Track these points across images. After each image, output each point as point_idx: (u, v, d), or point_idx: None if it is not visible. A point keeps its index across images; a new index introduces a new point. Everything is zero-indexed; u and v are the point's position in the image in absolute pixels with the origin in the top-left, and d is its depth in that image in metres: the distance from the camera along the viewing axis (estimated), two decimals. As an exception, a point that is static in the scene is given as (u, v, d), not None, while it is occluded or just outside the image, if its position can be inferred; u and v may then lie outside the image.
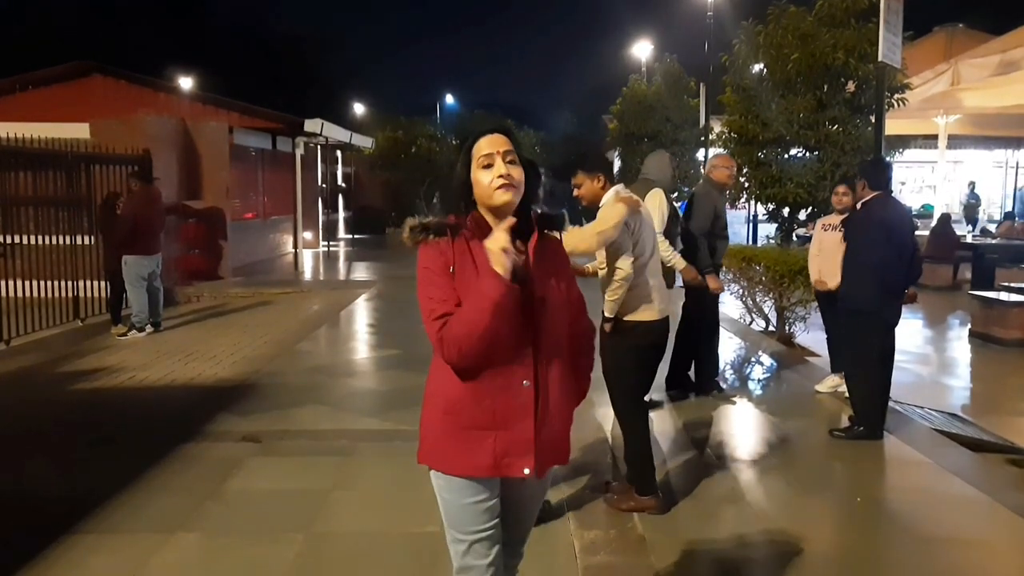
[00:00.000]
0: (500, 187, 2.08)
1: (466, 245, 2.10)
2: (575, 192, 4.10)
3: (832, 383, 6.41)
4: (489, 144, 2.11)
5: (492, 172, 2.09)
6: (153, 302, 8.69)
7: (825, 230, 6.42)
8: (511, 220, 2.05)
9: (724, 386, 6.54)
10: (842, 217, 6.20)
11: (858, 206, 5.49)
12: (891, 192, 5.44)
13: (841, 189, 6.35)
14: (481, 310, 1.98)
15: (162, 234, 8.93)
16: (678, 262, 5.70)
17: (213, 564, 3.55)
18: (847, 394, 5.98)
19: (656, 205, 5.60)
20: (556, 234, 2.29)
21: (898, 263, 5.17)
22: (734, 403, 6.19)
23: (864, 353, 5.32)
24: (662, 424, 5.69)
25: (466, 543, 2.17)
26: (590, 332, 2.43)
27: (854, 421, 5.37)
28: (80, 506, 4.04)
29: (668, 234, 5.66)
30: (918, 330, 9.54)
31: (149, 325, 8.64)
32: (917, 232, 6.11)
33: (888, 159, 6.33)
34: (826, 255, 6.26)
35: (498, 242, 1.98)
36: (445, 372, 2.12)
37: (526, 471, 2.11)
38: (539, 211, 2.24)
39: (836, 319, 6.20)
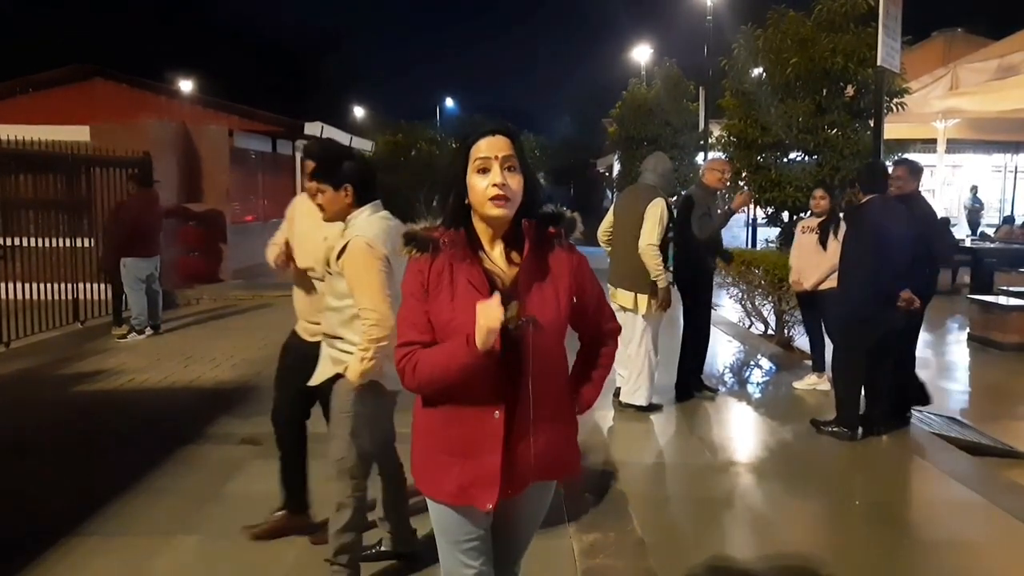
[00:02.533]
0: (493, 198, 1.94)
1: (447, 264, 2.00)
2: (315, 200, 3.24)
3: (811, 381, 6.60)
4: (488, 147, 1.95)
5: (488, 179, 1.94)
6: (152, 304, 8.69)
7: (803, 232, 6.63)
8: (497, 298, 1.87)
9: (722, 389, 6.55)
10: (819, 220, 6.44)
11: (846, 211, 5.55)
12: (885, 195, 5.36)
13: (818, 193, 6.55)
14: (447, 367, 1.93)
15: (161, 237, 8.94)
16: (662, 280, 5.63)
17: (213, 567, 3.55)
18: (821, 389, 6.44)
19: (657, 216, 5.58)
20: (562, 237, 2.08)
21: (890, 269, 5.09)
22: (730, 406, 6.20)
23: (853, 356, 5.34)
24: (661, 427, 5.70)
25: (452, 551, 2.14)
26: (611, 341, 2.25)
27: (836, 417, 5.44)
28: (80, 508, 4.04)
29: (663, 241, 5.66)
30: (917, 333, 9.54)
31: (148, 327, 8.64)
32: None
33: (886, 162, 6.34)
34: (803, 257, 6.52)
35: (490, 320, 1.84)
36: (421, 396, 2.10)
37: (488, 506, 2.02)
38: (543, 214, 2.06)
39: (815, 319, 6.52)
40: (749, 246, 15.31)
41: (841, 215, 6.25)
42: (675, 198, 7.28)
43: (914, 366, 5.88)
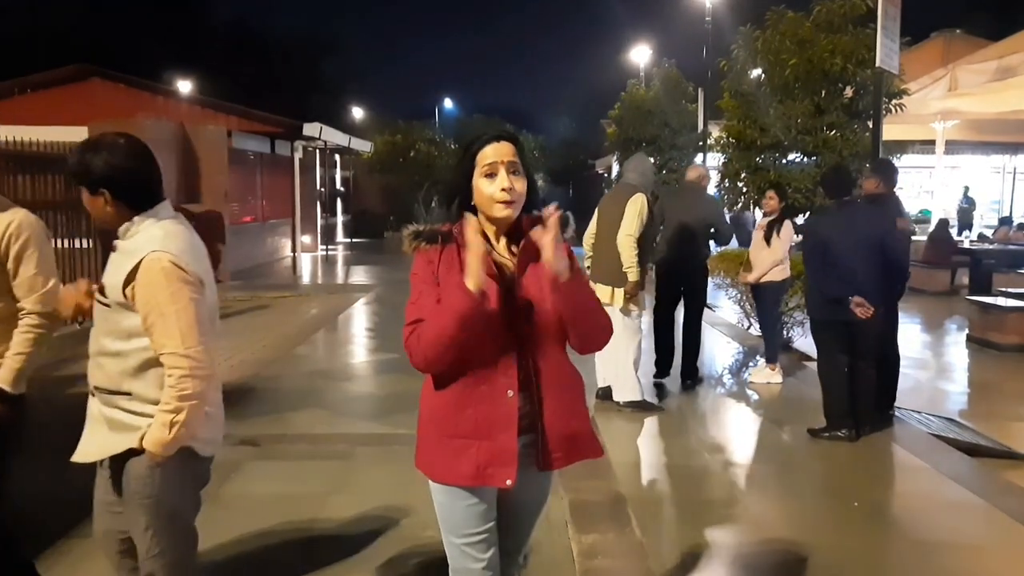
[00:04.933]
0: (500, 201, 2.05)
1: (456, 254, 2.08)
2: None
3: (766, 374, 6.86)
4: (494, 152, 2.06)
5: (495, 184, 2.05)
6: None
7: (759, 230, 7.09)
8: (477, 227, 2.01)
9: (720, 390, 6.56)
10: (769, 219, 6.89)
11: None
12: (846, 201, 5.38)
13: (769, 194, 6.98)
14: (445, 321, 1.98)
15: None
16: (633, 274, 5.74)
17: (210, 567, 3.53)
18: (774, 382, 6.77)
19: (636, 209, 5.72)
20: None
21: (838, 275, 5.08)
22: (728, 406, 6.20)
23: (828, 360, 5.40)
24: (659, 428, 5.69)
25: (460, 545, 2.17)
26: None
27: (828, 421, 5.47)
28: (77, 509, 4.03)
29: (645, 236, 5.76)
30: (916, 335, 9.55)
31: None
32: (914, 237, 6.18)
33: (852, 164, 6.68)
34: (753, 252, 7.05)
35: (476, 253, 1.96)
36: (432, 381, 2.15)
37: (508, 482, 2.08)
38: (534, 213, 2.17)
39: (765, 311, 7.09)
40: (747, 247, 15.29)
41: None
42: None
43: (898, 365, 5.88)
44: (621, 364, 5.82)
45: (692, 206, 6.65)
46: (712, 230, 6.85)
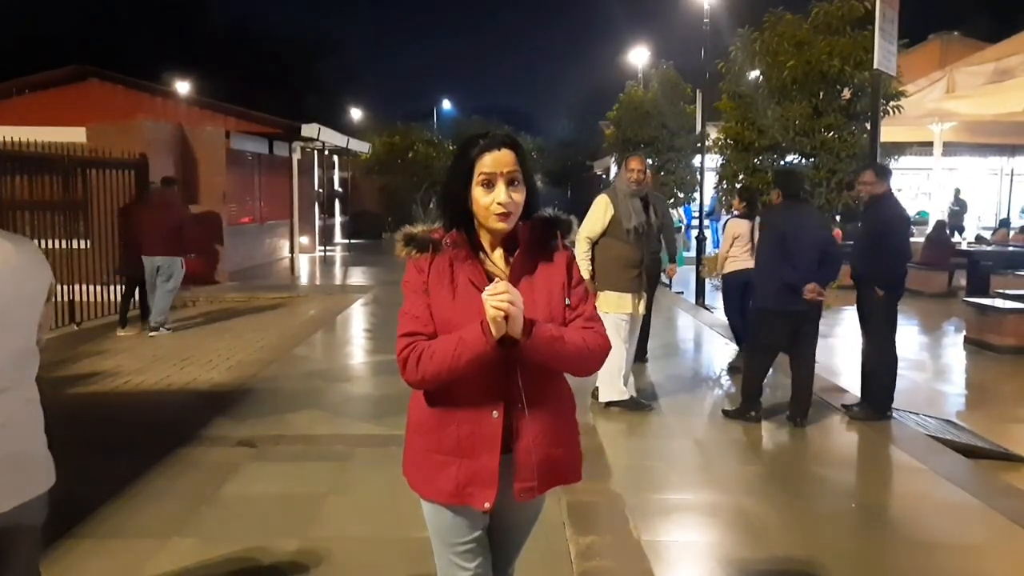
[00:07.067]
0: (496, 214, 1.99)
1: (447, 263, 2.03)
2: None
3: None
4: (493, 162, 1.98)
5: (492, 196, 1.98)
6: (154, 303, 8.77)
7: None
8: (504, 285, 1.86)
9: (718, 391, 6.57)
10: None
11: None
12: (798, 199, 5.81)
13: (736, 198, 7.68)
14: (457, 356, 1.91)
15: (164, 238, 8.80)
16: (583, 272, 5.79)
17: (208, 569, 3.54)
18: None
19: (591, 210, 5.87)
20: (560, 242, 2.12)
21: (792, 265, 5.45)
22: (726, 408, 6.20)
23: (763, 343, 5.73)
24: (657, 428, 5.69)
25: (447, 554, 2.14)
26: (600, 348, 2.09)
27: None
28: (75, 511, 4.03)
29: (610, 235, 5.76)
30: (914, 336, 9.56)
31: (149, 328, 8.73)
32: (912, 239, 6.26)
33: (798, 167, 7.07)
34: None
35: (498, 304, 1.85)
36: (420, 392, 2.09)
37: (486, 505, 2.02)
38: (540, 216, 2.10)
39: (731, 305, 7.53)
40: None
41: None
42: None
43: (896, 366, 5.89)
44: (605, 364, 5.81)
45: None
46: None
